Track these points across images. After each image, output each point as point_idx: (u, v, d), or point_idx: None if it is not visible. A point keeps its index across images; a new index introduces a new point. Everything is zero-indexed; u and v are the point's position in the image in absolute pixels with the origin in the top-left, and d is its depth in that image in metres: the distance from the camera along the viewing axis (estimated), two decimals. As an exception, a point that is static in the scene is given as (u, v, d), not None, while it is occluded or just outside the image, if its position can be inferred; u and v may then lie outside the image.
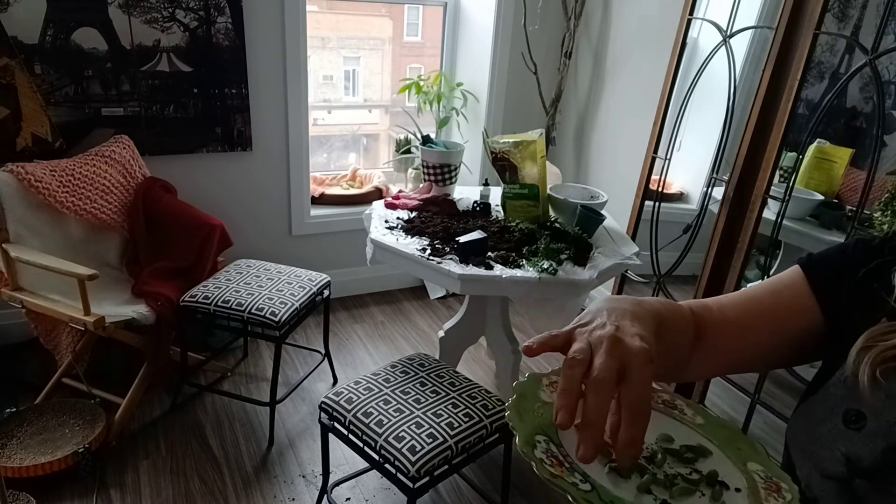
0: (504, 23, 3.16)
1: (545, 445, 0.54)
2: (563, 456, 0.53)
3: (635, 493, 0.53)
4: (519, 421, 0.56)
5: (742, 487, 0.54)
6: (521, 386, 0.61)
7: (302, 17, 2.80)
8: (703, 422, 0.62)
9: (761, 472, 0.55)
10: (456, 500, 2.11)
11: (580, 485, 0.50)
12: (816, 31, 1.94)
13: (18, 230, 2.14)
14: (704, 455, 0.58)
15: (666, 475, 0.55)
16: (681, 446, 0.59)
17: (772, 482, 0.53)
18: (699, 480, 0.55)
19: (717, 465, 0.57)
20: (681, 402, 0.64)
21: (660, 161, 2.61)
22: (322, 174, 3.46)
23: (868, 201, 1.91)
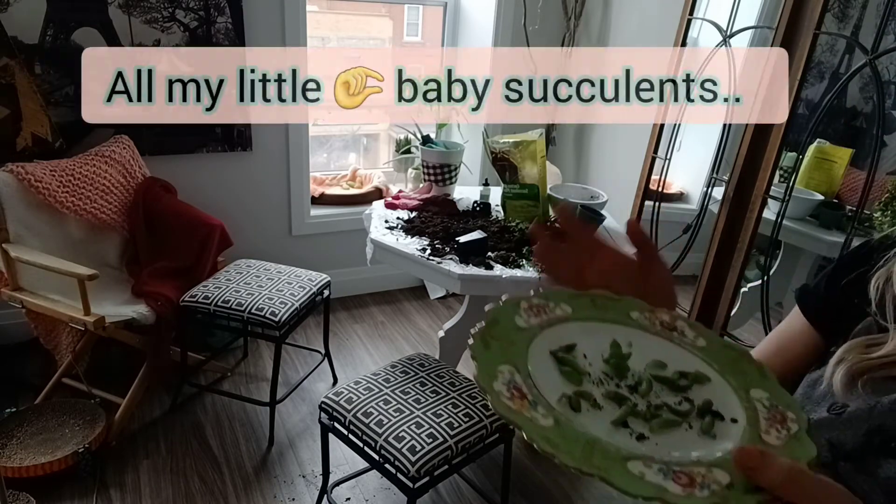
0: (504, 23, 3.16)
1: (509, 377, 0.49)
2: (529, 388, 0.48)
3: (609, 427, 0.47)
4: (483, 349, 0.51)
5: (739, 418, 0.48)
6: (494, 311, 0.55)
7: (302, 17, 2.80)
8: (705, 344, 0.55)
9: (766, 399, 0.49)
10: (456, 500, 2.11)
11: (541, 420, 0.45)
12: (816, 31, 1.94)
13: (18, 230, 2.15)
14: (701, 382, 0.52)
15: (650, 406, 0.49)
16: (674, 373, 0.53)
17: (777, 412, 0.47)
18: (688, 411, 0.49)
19: (715, 392, 0.51)
20: (682, 323, 0.58)
21: (660, 161, 2.61)
22: (322, 174, 3.46)
23: (868, 201, 1.91)
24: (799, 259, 2.54)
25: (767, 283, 2.20)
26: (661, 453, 0.44)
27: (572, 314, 0.57)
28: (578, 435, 0.45)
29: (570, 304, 0.58)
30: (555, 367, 0.52)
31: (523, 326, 0.55)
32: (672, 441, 0.46)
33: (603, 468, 0.42)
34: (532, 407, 0.46)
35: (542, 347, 0.53)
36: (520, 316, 0.56)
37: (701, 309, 2.34)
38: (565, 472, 2.26)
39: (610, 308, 0.58)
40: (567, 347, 0.54)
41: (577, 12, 3.15)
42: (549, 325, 0.56)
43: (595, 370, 0.53)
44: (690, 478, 0.41)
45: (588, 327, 0.56)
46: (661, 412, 0.49)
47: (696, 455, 0.45)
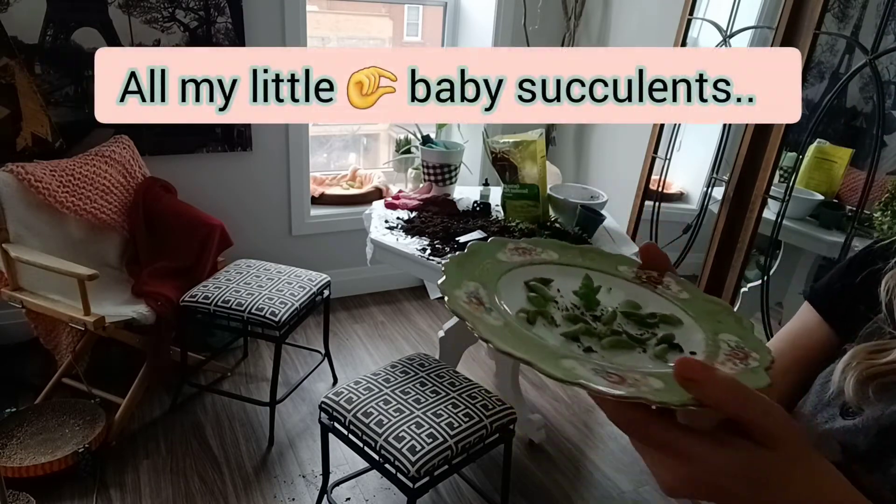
0: (504, 23, 3.16)
1: (472, 289, 0.49)
2: (491, 301, 0.48)
3: (559, 339, 0.46)
4: (455, 267, 0.51)
5: (699, 352, 0.46)
6: (478, 244, 0.56)
7: (302, 17, 2.80)
8: (688, 297, 0.54)
9: (734, 342, 0.47)
10: (456, 500, 2.11)
11: (491, 321, 0.45)
12: (816, 31, 1.94)
13: (18, 230, 2.14)
14: (671, 322, 0.51)
15: (612, 331, 0.48)
16: (648, 313, 0.52)
17: (741, 351, 0.46)
18: (646, 339, 0.48)
19: (682, 332, 0.49)
20: (670, 279, 0.56)
21: (660, 161, 2.62)
22: (322, 174, 3.46)
23: (868, 201, 1.91)
24: (799, 259, 2.55)
25: (767, 283, 2.20)
26: (602, 363, 0.43)
27: (558, 259, 0.57)
28: (524, 336, 0.45)
29: (557, 251, 0.58)
30: (524, 293, 0.52)
31: (504, 260, 0.56)
32: (621, 360, 0.45)
33: (532, 354, 0.42)
34: (486, 312, 0.46)
35: (517, 277, 0.54)
36: (503, 253, 0.57)
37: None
38: (565, 472, 2.26)
39: (599, 261, 0.58)
40: (542, 280, 0.54)
41: (577, 12, 3.15)
42: (531, 264, 0.56)
43: (564, 301, 0.52)
44: (622, 377, 0.40)
45: (570, 270, 0.56)
46: (617, 336, 0.48)
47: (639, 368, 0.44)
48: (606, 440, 2.45)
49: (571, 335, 0.47)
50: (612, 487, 2.21)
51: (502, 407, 1.73)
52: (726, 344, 0.47)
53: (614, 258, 0.58)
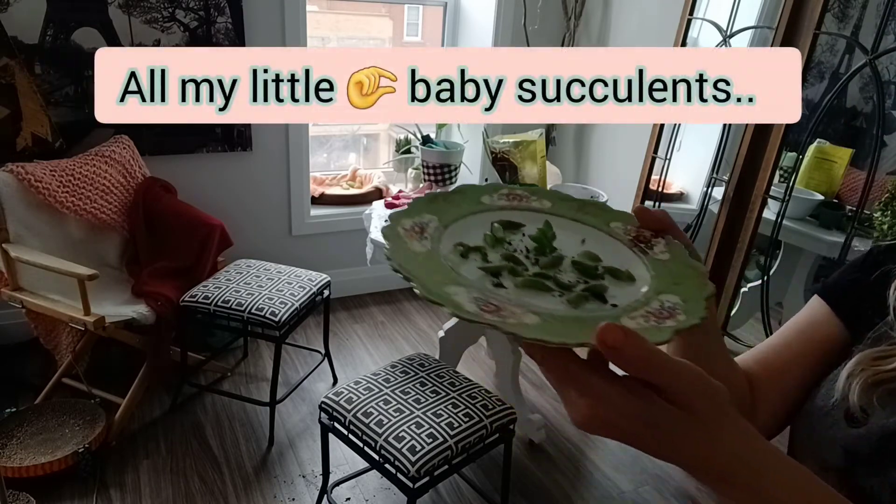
0: (504, 23, 3.16)
1: (422, 221, 0.50)
2: (436, 233, 0.49)
3: (477, 273, 0.46)
4: (425, 203, 0.52)
5: (620, 304, 0.45)
6: (467, 186, 0.56)
7: (302, 17, 2.80)
8: (666, 258, 0.51)
9: (671, 301, 0.44)
10: (456, 500, 2.11)
11: (416, 247, 0.46)
12: (816, 31, 1.94)
13: (18, 230, 2.14)
14: (620, 278, 0.49)
15: (539, 274, 0.47)
16: (596, 265, 0.50)
17: (668, 311, 0.43)
18: (570, 286, 0.46)
19: (625, 288, 0.48)
20: (661, 240, 0.53)
21: (660, 161, 2.62)
22: (322, 174, 3.46)
23: (868, 201, 1.91)
24: (799, 259, 2.55)
25: (767, 283, 2.21)
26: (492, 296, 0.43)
27: (549, 209, 0.57)
28: (435, 263, 0.45)
29: (553, 201, 0.58)
30: (481, 233, 0.52)
31: (485, 202, 0.56)
32: (529, 300, 0.44)
33: (420, 273, 0.42)
34: (419, 240, 0.47)
35: (487, 220, 0.54)
36: (490, 196, 0.57)
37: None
38: (566, 472, 2.26)
39: (595, 215, 0.56)
40: (511, 224, 0.54)
41: (577, 12, 3.15)
42: (514, 209, 0.56)
43: (520, 244, 0.52)
44: (498, 307, 0.40)
45: (553, 220, 0.55)
46: (545, 279, 0.47)
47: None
48: (606, 440, 2.45)
49: (491, 270, 0.47)
50: (612, 487, 2.21)
51: (502, 407, 1.73)
52: (659, 303, 0.45)
53: (613, 214, 0.57)
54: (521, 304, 0.42)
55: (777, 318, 2.56)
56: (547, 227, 0.53)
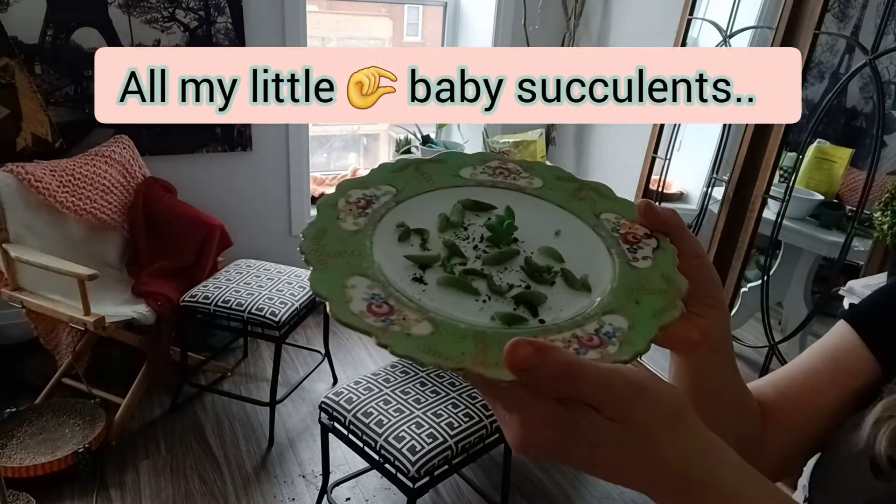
0: (504, 23, 3.16)
1: (379, 193, 0.46)
2: (382, 208, 0.45)
3: (404, 264, 0.42)
4: (391, 171, 0.49)
5: (548, 321, 0.39)
6: (451, 154, 0.52)
7: (302, 17, 2.80)
8: (645, 266, 0.44)
9: (615, 325, 0.38)
10: (456, 500, 2.11)
11: (346, 225, 0.43)
12: (816, 31, 1.94)
13: (18, 230, 2.14)
14: (573, 286, 0.42)
15: (470, 272, 0.42)
16: (549, 266, 0.43)
17: (604, 338, 0.37)
18: (502, 292, 0.41)
19: (573, 300, 0.41)
20: (649, 243, 0.46)
21: (660, 161, 2.62)
22: (322, 174, 3.46)
23: (868, 201, 1.91)
24: (799, 259, 2.55)
25: (767, 283, 2.21)
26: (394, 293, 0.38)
27: (537, 189, 0.51)
28: (355, 245, 0.41)
29: (546, 179, 0.53)
30: (437, 214, 0.47)
31: (463, 176, 0.50)
32: (444, 300, 0.39)
33: (318, 258, 0.39)
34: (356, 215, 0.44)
35: (455, 197, 0.49)
36: (473, 169, 0.52)
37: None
38: (565, 472, 2.26)
39: (589, 201, 0.51)
40: (479, 205, 0.49)
41: (577, 12, 3.15)
42: (493, 186, 0.51)
43: (476, 233, 0.46)
44: (391, 310, 0.36)
45: (533, 204, 0.50)
46: (469, 277, 0.41)
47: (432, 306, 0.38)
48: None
49: (418, 261, 0.42)
50: (612, 487, 2.21)
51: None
52: (597, 325, 0.38)
53: (610, 203, 0.51)
54: (428, 307, 0.38)
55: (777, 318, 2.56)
56: (507, 215, 0.47)
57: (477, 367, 0.33)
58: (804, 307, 2.52)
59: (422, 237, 0.44)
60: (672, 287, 0.42)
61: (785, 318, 2.62)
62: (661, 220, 0.47)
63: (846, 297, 1.72)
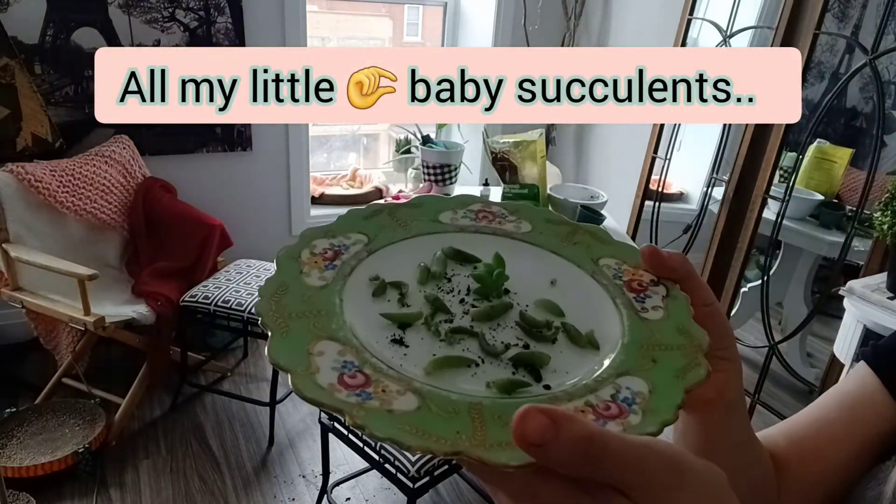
0: (504, 23, 3.16)
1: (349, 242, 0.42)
2: (353, 260, 0.40)
3: (383, 326, 0.36)
4: (362, 218, 0.44)
5: (554, 387, 0.34)
6: (428, 197, 0.47)
7: (302, 17, 2.80)
8: (657, 318, 0.39)
9: (634, 389, 0.33)
10: (456, 499, 2.11)
11: (313, 281, 0.38)
12: (816, 31, 1.94)
13: (18, 230, 2.14)
14: (577, 343, 0.37)
15: (460, 330, 0.37)
16: (560, 324, 0.38)
17: (623, 406, 0.32)
18: (498, 354, 0.35)
19: (580, 360, 0.36)
20: (658, 291, 0.41)
21: (660, 161, 2.62)
22: (322, 174, 3.46)
23: (868, 201, 1.91)
24: (799, 259, 2.55)
25: (767, 283, 2.21)
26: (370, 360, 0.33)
27: (525, 234, 0.46)
28: (325, 307, 0.36)
29: (535, 223, 0.47)
30: (417, 265, 0.42)
31: (443, 221, 0.45)
32: (443, 377, 0.33)
33: (277, 323, 0.34)
34: (321, 269, 0.39)
35: (435, 246, 0.43)
36: (452, 213, 0.46)
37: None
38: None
39: (585, 245, 0.45)
40: (462, 255, 0.43)
41: (577, 12, 3.15)
42: (480, 232, 0.46)
43: (462, 284, 0.41)
44: (367, 379, 0.31)
45: (522, 249, 0.45)
46: (460, 338, 0.36)
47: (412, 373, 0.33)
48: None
49: (396, 319, 0.36)
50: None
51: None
52: (614, 389, 0.33)
53: (609, 248, 0.45)
54: (411, 375, 0.33)
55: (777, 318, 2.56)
56: (497, 263, 0.41)
57: (476, 450, 0.28)
58: (804, 307, 2.52)
59: (400, 291, 0.39)
60: (691, 341, 0.37)
61: (785, 318, 2.62)
62: (669, 267, 0.42)
63: (846, 297, 1.72)
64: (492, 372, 0.34)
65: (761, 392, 2.20)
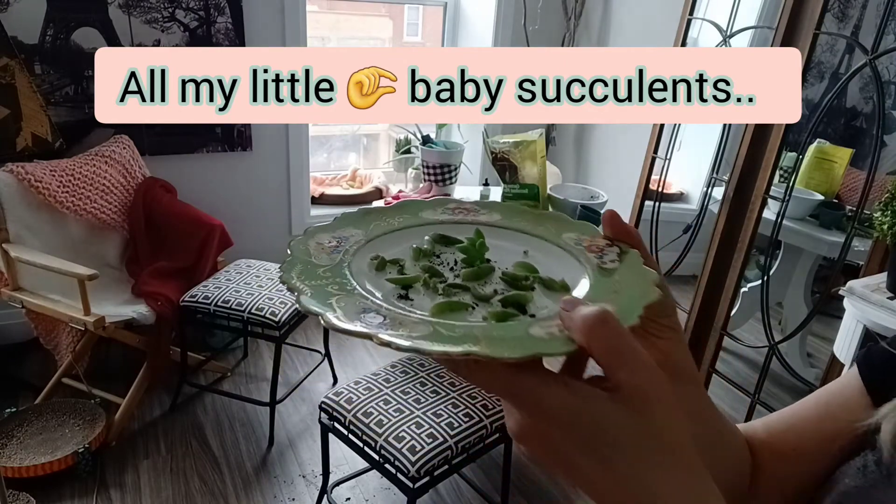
0: (504, 23, 3.16)
1: (347, 235, 0.49)
2: (354, 247, 0.47)
3: (387, 287, 0.43)
4: (358, 216, 0.51)
5: (539, 316, 0.40)
6: (410, 201, 0.55)
7: (302, 17, 2.80)
8: (615, 266, 0.46)
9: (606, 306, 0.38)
10: (456, 499, 2.11)
11: (323, 261, 0.44)
12: (816, 31, 1.94)
13: (18, 230, 2.14)
14: (553, 288, 0.44)
15: (455, 286, 0.44)
16: (536, 277, 0.45)
17: None
18: (486, 297, 0.42)
19: (557, 299, 0.41)
20: (614, 249, 0.48)
21: (660, 161, 2.62)
22: (322, 174, 3.46)
23: (868, 201, 1.91)
24: (799, 259, 2.55)
25: (767, 283, 2.20)
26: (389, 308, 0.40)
27: (498, 222, 0.54)
28: (338, 276, 0.43)
29: (504, 213, 0.55)
30: (408, 248, 0.49)
31: (427, 217, 0.53)
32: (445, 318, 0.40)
33: (303, 285, 0.41)
34: (329, 252, 0.46)
35: (421, 234, 0.51)
36: (433, 211, 0.55)
37: (701, 309, 2.34)
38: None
39: (549, 226, 0.53)
40: (447, 238, 0.51)
41: (577, 12, 3.15)
42: (457, 223, 0.54)
43: (449, 259, 0.48)
44: (384, 319, 0.38)
45: (497, 232, 0.52)
46: (455, 291, 0.43)
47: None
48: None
49: (401, 282, 0.44)
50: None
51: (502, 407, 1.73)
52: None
53: (570, 225, 0.53)
54: (421, 315, 0.39)
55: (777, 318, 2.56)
56: (477, 236, 0.49)
57: (485, 350, 0.34)
58: (804, 307, 2.52)
59: (398, 265, 0.46)
60: (645, 277, 0.44)
61: (785, 318, 2.62)
62: (625, 230, 0.49)
63: (846, 297, 1.72)
64: (485, 312, 0.41)
65: (761, 392, 2.20)
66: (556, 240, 0.50)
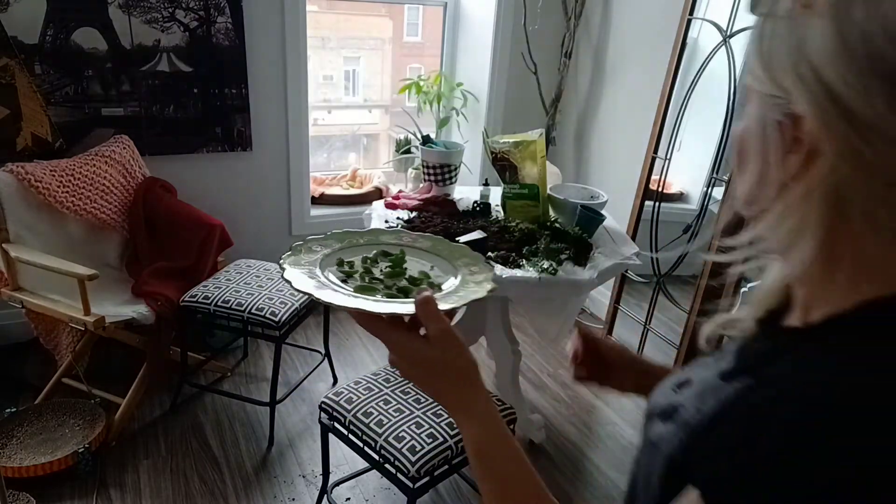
0: (504, 23, 3.16)
1: (327, 244, 0.83)
2: (330, 250, 0.82)
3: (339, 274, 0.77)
4: (339, 236, 0.86)
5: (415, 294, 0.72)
6: (377, 229, 0.89)
7: (302, 17, 2.80)
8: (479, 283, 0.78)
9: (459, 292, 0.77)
10: (456, 499, 2.12)
11: (304, 257, 0.79)
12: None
13: (18, 230, 2.14)
14: (433, 287, 0.77)
15: (375, 278, 0.77)
16: (427, 281, 0.78)
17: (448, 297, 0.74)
18: (391, 286, 0.76)
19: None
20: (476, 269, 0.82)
21: (660, 161, 2.61)
22: (322, 174, 3.46)
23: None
24: (799, 259, 2.54)
25: (767, 283, 2.20)
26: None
27: (428, 247, 0.87)
28: (316, 264, 0.79)
29: (433, 241, 0.88)
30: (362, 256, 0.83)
31: (383, 240, 0.87)
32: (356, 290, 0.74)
33: (290, 264, 0.76)
34: (311, 252, 0.81)
35: (374, 250, 0.85)
36: (389, 236, 0.89)
37: (701, 309, 2.34)
38: (565, 472, 2.26)
39: (453, 251, 0.86)
40: (387, 253, 0.84)
41: (577, 12, 3.15)
42: (401, 245, 0.87)
43: (384, 265, 0.81)
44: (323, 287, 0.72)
45: (416, 253, 0.85)
46: (374, 282, 0.77)
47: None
48: (606, 440, 2.45)
49: (345, 272, 0.78)
50: (612, 487, 2.21)
51: (502, 407, 1.73)
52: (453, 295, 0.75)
53: (468, 256, 0.84)
54: (350, 289, 0.73)
55: (777, 318, 2.55)
56: (401, 254, 0.83)
57: (369, 307, 0.68)
58: (804, 307, 2.51)
59: (350, 264, 0.80)
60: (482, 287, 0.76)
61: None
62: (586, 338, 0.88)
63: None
64: (384, 293, 0.74)
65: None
66: (453, 262, 0.83)
